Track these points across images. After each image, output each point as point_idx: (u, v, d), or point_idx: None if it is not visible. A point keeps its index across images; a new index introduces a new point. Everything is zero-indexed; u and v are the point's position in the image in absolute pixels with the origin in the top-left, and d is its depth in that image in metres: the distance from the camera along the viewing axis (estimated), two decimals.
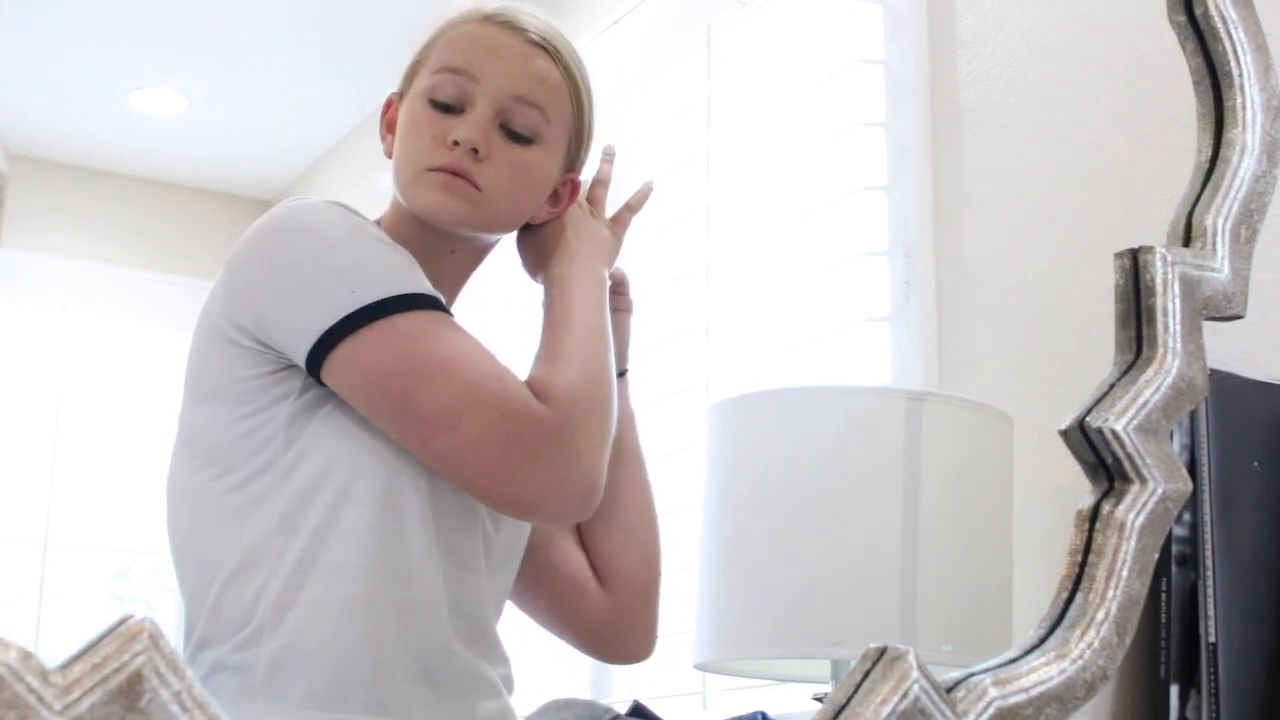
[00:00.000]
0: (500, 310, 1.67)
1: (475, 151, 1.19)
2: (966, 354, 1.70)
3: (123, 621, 0.81)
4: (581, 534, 1.32)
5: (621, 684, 2.11)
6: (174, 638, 0.82)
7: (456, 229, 1.23)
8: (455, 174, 1.19)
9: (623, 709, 1.28)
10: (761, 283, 2.04)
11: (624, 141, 2.36)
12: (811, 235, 1.96)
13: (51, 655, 0.79)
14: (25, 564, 3.11)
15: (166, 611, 3.06)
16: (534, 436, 1.12)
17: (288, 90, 3.03)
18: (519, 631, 1.33)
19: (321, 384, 1.14)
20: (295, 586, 1.13)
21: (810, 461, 1.43)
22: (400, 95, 1.26)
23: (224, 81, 3.04)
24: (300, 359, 1.13)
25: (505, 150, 1.21)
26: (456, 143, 1.19)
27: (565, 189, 1.28)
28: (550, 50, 1.23)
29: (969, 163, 1.73)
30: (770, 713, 1.54)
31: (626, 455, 1.31)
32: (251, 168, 3.27)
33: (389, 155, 1.25)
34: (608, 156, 1.38)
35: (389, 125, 1.26)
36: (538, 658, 1.73)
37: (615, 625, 1.32)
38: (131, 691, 0.80)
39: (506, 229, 1.26)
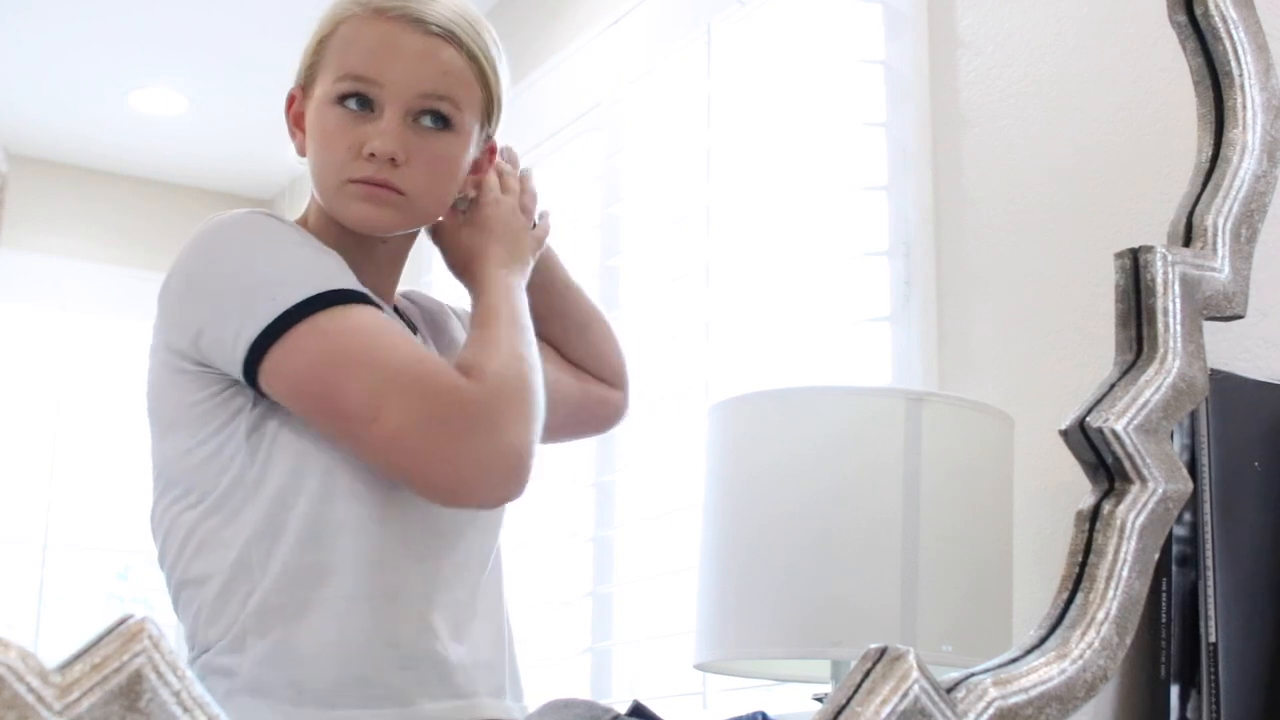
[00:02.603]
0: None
1: (393, 160, 1.19)
2: (966, 354, 1.70)
3: (122, 621, 0.81)
4: (580, 362, 1.41)
5: (621, 684, 2.11)
6: (174, 638, 0.82)
7: (386, 234, 1.24)
8: (376, 185, 1.19)
9: (623, 709, 1.28)
10: (761, 283, 2.04)
11: (624, 141, 2.36)
12: (811, 235, 1.96)
13: (51, 655, 0.79)
14: (25, 564, 3.11)
15: (166, 612, 3.06)
16: (458, 414, 1.11)
17: (288, 90, 3.03)
18: (519, 632, 1.32)
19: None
20: (278, 590, 1.14)
21: (810, 462, 1.42)
22: (302, 89, 1.25)
23: (224, 81, 3.04)
24: (238, 373, 1.13)
25: (421, 147, 1.20)
26: (373, 154, 1.19)
27: (484, 156, 1.29)
28: (449, 37, 1.21)
29: (969, 162, 1.73)
30: (770, 713, 1.53)
31: (559, 284, 1.39)
32: (251, 168, 3.26)
33: (301, 154, 1.25)
34: (526, 173, 1.36)
35: (295, 121, 1.26)
36: (538, 658, 1.74)
37: (625, 406, 1.45)
38: (131, 691, 0.80)
39: (434, 219, 1.27)
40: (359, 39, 1.21)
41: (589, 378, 1.42)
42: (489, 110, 1.26)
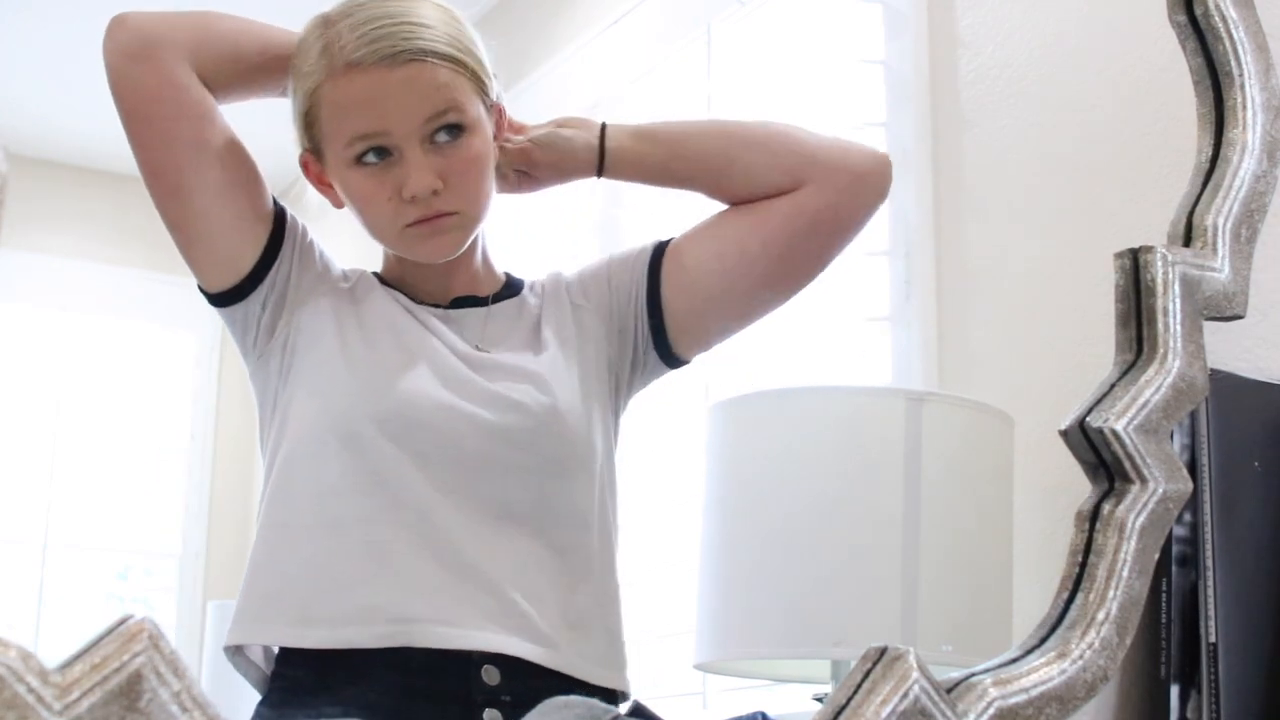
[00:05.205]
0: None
1: (434, 191, 1.22)
2: (966, 354, 1.70)
3: (122, 621, 0.81)
4: (738, 194, 1.37)
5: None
6: (173, 638, 0.82)
7: (458, 253, 1.28)
8: (431, 219, 1.23)
9: (623, 709, 1.28)
10: None
11: None
12: None
13: (51, 656, 0.79)
14: (25, 564, 3.11)
15: (165, 612, 3.06)
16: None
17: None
18: None
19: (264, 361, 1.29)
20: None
21: (810, 462, 1.42)
22: (311, 152, 1.28)
23: None
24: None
25: (449, 164, 1.23)
26: (415, 196, 1.22)
27: (497, 121, 1.30)
28: (421, 54, 1.21)
29: (969, 163, 1.73)
30: (770, 713, 1.53)
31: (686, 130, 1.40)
32: None
33: (339, 206, 1.29)
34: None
35: (319, 180, 1.30)
36: None
37: (825, 193, 1.35)
38: (131, 692, 0.80)
39: (489, 211, 1.29)
40: (346, 101, 1.22)
41: (762, 205, 1.36)
42: (481, 83, 1.26)
